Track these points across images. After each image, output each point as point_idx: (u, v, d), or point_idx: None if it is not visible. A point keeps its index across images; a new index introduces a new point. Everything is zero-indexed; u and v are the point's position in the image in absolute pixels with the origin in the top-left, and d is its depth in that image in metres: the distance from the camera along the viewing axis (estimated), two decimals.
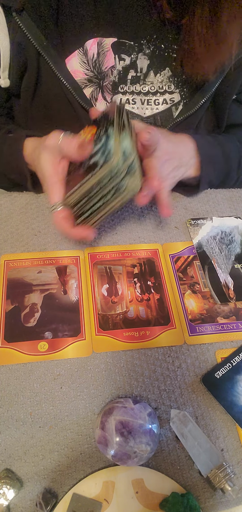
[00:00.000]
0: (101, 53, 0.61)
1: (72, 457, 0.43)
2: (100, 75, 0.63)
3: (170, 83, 0.64)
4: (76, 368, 0.48)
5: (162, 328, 0.53)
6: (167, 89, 0.65)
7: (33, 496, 0.40)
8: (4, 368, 0.48)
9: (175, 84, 0.64)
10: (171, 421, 0.45)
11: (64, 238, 0.62)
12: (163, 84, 0.64)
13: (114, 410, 0.42)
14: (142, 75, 0.64)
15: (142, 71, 0.63)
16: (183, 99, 0.65)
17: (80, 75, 0.62)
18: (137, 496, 0.40)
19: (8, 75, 0.61)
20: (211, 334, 0.52)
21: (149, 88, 0.64)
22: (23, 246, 0.60)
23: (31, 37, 0.56)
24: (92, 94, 0.64)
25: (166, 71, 0.64)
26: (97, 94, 0.64)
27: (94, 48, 0.61)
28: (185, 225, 0.66)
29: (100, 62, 0.62)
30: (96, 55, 0.61)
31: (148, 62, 0.63)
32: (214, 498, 0.41)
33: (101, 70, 0.62)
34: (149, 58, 0.63)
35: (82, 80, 0.62)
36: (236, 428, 0.45)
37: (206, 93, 0.63)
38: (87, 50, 0.61)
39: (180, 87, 0.65)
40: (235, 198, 0.71)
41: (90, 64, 0.62)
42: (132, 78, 0.64)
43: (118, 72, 0.63)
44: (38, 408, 0.45)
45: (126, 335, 0.51)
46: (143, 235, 0.63)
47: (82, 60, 0.61)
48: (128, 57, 0.62)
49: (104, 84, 0.64)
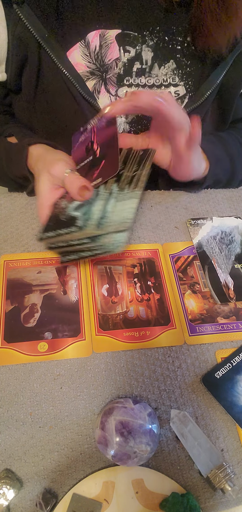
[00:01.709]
0: (104, 45, 0.61)
1: (72, 457, 0.43)
2: (103, 68, 0.62)
3: (174, 75, 0.64)
4: (76, 368, 0.48)
5: (162, 328, 0.53)
6: (171, 82, 0.64)
7: (33, 496, 0.40)
8: (4, 368, 0.48)
9: (179, 77, 0.64)
10: (171, 421, 0.45)
11: None
12: (167, 76, 0.64)
13: (114, 410, 0.42)
14: (147, 68, 0.63)
15: (147, 63, 0.63)
16: (188, 92, 0.65)
17: (82, 67, 0.61)
18: (137, 496, 0.40)
19: (6, 69, 0.61)
20: (211, 334, 0.52)
21: (154, 81, 0.64)
22: (23, 246, 0.60)
23: (32, 29, 0.55)
24: (95, 86, 0.63)
25: (170, 63, 0.63)
26: (100, 87, 0.63)
27: (96, 40, 0.60)
28: (185, 225, 0.66)
29: (103, 54, 0.61)
30: (98, 47, 0.61)
31: (152, 55, 0.63)
32: (214, 498, 0.41)
33: (104, 62, 0.62)
34: (152, 50, 0.62)
35: (84, 72, 0.62)
36: (236, 428, 0.45)
37: (211, 84, 0.63)
38: (89, 42, 0.60)
39: (185, 79, 0.64)
40: (235, 198, 0.71)
41: (92, 57, 0.61)
42: (137, 70, 0.63)
43: (123, 64, 0.62)
44: (38, 408, 0.45)
45: (126, 335, 0.51)
46: (143, 235, 0.63)
47: (84, 52, 0.61)
48: (133, 48, 0.62)
49: (108, 77, 0.63)
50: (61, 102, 0.62)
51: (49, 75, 0.60)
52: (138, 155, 0.56)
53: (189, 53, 0.63)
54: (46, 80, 0.61)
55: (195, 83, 0.65)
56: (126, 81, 0.64)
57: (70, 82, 0.60)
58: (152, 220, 0.66)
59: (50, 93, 0.62)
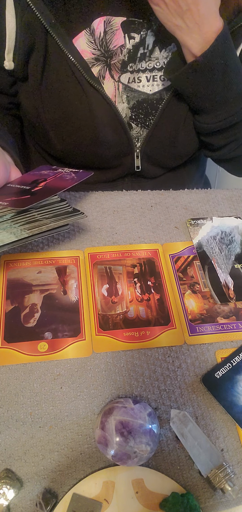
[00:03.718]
0: (109, 32, 0.62)
1: (72, 457, 0.43)
2: (108, 53, 0.63)
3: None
4: (76, 368, 0.48)
5: (162, 328, 0.53)
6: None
7: (33, 496, 0.40)
8: (4, 368, 0.48)
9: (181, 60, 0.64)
10: (171, 421, 0.45)
11: (64, 238, 0.62)
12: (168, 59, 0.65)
13: (114, 410, 0.42)
14: (148, 52, 0.64)
15: (148, 47, 0.64)
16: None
17: (88, 54, 0.62)
18: (137, 496, 0.40)
19: (13, 58, 0.61)
20: (211, 334, 0.52)
21: (154, 64, 0.65)
22: (23, 246, 0.60)
23: (40, 15, 0.56)
24: (100, 72, 0.64)
25: (172, 46, 0.64)
26: (105, 72, 0.65)
27: (101, 26, 0.61)
28: (185, 225, 0.66)
29: (108, 40, 0.62)
30: (103, 34, 0.62)
31: (154, 38, 0.63)
32: (214, 498, 0.41)
33: (108, 48, 0.63)
34: (155, 34, 0.63)
35: (89, 59, 0.63)
36: (236, 428, 0.45)
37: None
38: (94, 30, 0.61)
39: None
40: (235, 198, 0.71)
41: (97, 43, 0.62)
42: (140, 55, 0.64)
43: (128, 51, 0.63)
44: (38, 408, 0.45)
45: (126, 335, 0.51)
46: (143, 235, 0.63)
47: (89, 40, 0.62)
48: (138, 35, 0.63)
49: (112, 62, 0.64)
50: (67, 88, 0.63)
51: (55, 61, 0.61)
52: (64, 209, 0.52)
53: None
54: (53, 66, 0.62)
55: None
56: (129, 67, 0.65)
57: (76, 68, 0.60)
58: (152, 220, 0.66)
59: (56, 79, 0.63)
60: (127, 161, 0.73)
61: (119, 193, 0.70)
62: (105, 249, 0.60)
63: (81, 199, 0.68)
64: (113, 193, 0.70)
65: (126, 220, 0.65)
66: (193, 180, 0.86)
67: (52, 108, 0.65)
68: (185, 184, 0.80)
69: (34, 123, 0.70)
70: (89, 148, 0.68)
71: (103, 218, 0.65)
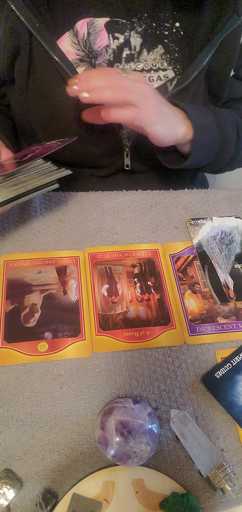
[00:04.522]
0: (93, 33, 0.63)
1: (72, 457, 0.43)
2: (92, 54, 0.64)
3: (163, 60, 0.66)
4: (76, 368, 0.48)
5: (162, 328, 0.53)
6: (160, 67, 0.66)
7: (33, 496, 0.40)
8: (4, 368, 0.48)
9: (167, 62, 0.66)
10: (171, 421, 0.45)
11: (64, 238, 0.62)
12: (156, 61, 0.66)
13: (114, 410, 0.42)
14: (136, 53, 0.65)
15: (135, 49, 0.65)
16: (177, 75, 0.66)
17: (72, 55, 0.63)
18: (137, 496, 0.40)
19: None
20: (211, 334, 0.52)
21: (143, 66, 0.66)
22: (23, 246, 0.60)
23: (24, 19, 0.58)
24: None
25: (159, 48, 0.65)
26: None
27: (84, 28, 0.63)
28: (185, 225, 0.66)
29: (92, 41, 0.64)
30: (86, 35, 0.63)
31: (140, 41, 0.65)
32: (214, 498, 0.41)
33: (92, 49, 0.64)
34: (141, 36, 0.65)
35: (74, 60, 0.64)
36: (236, 428, 0.45)
37: (197, 66, 0.63)
38: (77, 31, 0.63)
39: (173, 64, 0.66)
40: (235, 198, 0.71)
41: (81, 44, 0.64)
42: (127, 56, 0.65)
43: (113, 50, 0.65)
44: (38, 408, 0.45)
45: (126, 335, 0.51)
46: (143, 235, 0.63)
47: (73, 41, 0.63)
48: (122, 35, 0.64)
49: (97, 63, 0.65)
50: (53, 89, 0.64)
51: (40, 62, 0.62)
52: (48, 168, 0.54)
53: (177, 39, 0.65)
54: (38, 68, 0.62)
55: (183, 66, 0.66)
56: (115, 67, 0.65)
57: (61, 68, 0.61)
58: (152, 220, 0.66)
59: (42, 80, 0.63)
60: (117, 159, 0.73)
61: (119, 193, 0.70)
62: (105, 249, 0.60)
63: (81, 199, 0.68)
64: (113, 193, 0.70)
65: (126, 220, 0.65)
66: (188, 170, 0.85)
67: (39, 109, 0.66)
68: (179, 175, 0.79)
69: (23, 124, 0.71)
70: (79, 148, 0.68)
71: (103, 218, 0.65)
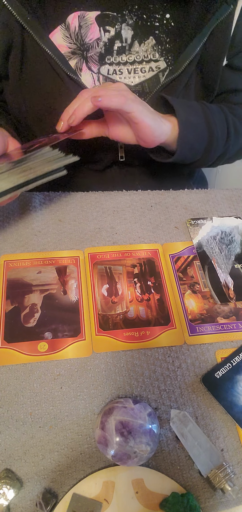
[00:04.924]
0: (84, 26, 0.64)
1: (72, 457, 0.43)
2: (83, 47, 0.65)
3: (154, 51, 0.67)
4: (76, 368, 0.48)
5: (162, 328, 0.53)
6: (152, 58, 0.67)
7: (33, 496, 0.40)
8: (4, 368, 0.48)
9: (159, 53, 0.67)
10: (171, 421, 0.45)
11: (64, 238, 0.62)
12: (148, 53, 0.67)
13: (114, 410, 0.42)
14: (127, 46, 0.66)
15: (126, 41, 0.66)
16: (168, 66, 0.67)
17: (64, 48, 0.65)
18: (137, 496, 0.40)
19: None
20: (211, 334, 0.52)
21: (135, 57, 0.67)
22: (23, 246, 0.60)
23: (16, 14, 0.58)
24: (77, 65, 0.66)
25: (150, 40, 0.66)
26: (82, 65, 0.66)
27: (75, 21, 0.64)
28: (185, 225, 0.66)
29: (83, 34, 0.65)
30: (78, 28, 0.64)
31: (132, 33, 0.66)
32: (214, 498, 0.41)
33: (84, 42, 0.65)
34: (132, 28, 0.65)
35: (66, 53, 0.65)
36: (236, 428, 0.45)
37: (188, 56, 0.64)
38: (69, 25, 0.64)
39: (164, 55, 0.67)
40: (235, 198, 0.71)
41: (73, 37, 0.65)
42: (118, 48, 0.66)
43: (104, 43, 0.66)
44: (38, 408, 0.45)
45: (126, 335, 0.51)
46: (143, 235, 0.63)
47: (64, 35, 0.64)
48: (112, 28, 0.65)
49: (89, 55, 0.66)
50: (46, 82, 0.64)
51: (33, 56, 0.62)
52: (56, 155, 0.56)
53: (168, 30, 0.66)
54: (31, 62, 0.63)
55: (174, 57, 0.67)
56: (107, 60, 0.66)
57: (53, 61, 0.62)
58: (152, 220, 0.66)
59: (35, 74, 0.64)
60: (111, 151, 0.73)
61: (119, 193, 0.70)
62: (105, 249, 0.60)
63: (81, 199, 0.68)
64: (113, 193, 0.70)
65: (126, 220, 0.65)
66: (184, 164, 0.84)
67: (33, 102, 0.66)
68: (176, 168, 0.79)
69: (18, 119, 0.71)
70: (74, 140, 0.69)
71: (103, 218, 0.65)
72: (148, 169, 0.77)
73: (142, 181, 0.77)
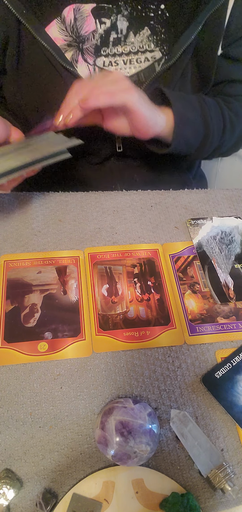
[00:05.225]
0: (80, 18, 0.65)
1: (72, 457, 0.43)
2: (79, 39, 0.66)
3: (150, 42, 0.67)
4: (76, 368, 0.48)
5: (162, 328, 0.53)
6: (147, 48, 0.67)
7: (33, 496, 0.40)
8: (4, 368, 0.48)
9: (154, 43, 0.67)
10: (171, 421, 0.45)
11: (64, 238, 0.62)
12: (143, 43, 0.67)
13: (114, 410, 0.42)
14: (123, 37, 0.67)
15: (122, 32, 0.67)
16: (164, 56, 0.67)
17: (60, 41, 0.65)
18: (137, 496, 0.40)
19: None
20: (211, 334, 0.52)
21: (130, 48, 0.67)
22: (23, 246, 0.60)
23: (11, 7, 0.59)
24: (73, 57, 0.66)
25: (145, 30, 0.67)
26: (77, 57, 0.67)
27: (71, 14, 0.65)
28: (185, 225, 0.66)
29: (78, 26, 0.65)
30: (73, 21, 0.65)
31: (127, 24, 0.66)
32: (214, 498, 0.41)
33: (79, 34, 0.66)
34: (127, 19, 0.66)
35: (62, 46, 0.65)
36: (236, 428, 0.45)
37: (183, 44, 0.64)
38: (65, 18, 0.65)
39: (160, 45, 0.67)
40: (235, 198, 0.71)
41: (69, 30, 0.65)
42: (114, 40, 0.67)
43: (100, 35, 0.66)
44: (38, 408, 0.45)
45: (126, 335, 0.51)
46: (143, 235, 0.63)
47: (60, 28, 0.65)
48: (108, 19, 0.65)
49: (85, 47, 0.66)
50: (43, 75, 0.65)
51: (29, 49, 0.63)
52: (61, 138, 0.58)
53: (162, 20, 0.66)
54: (27, 54, 0.64)
55: (170, 47, 0.67)
56: (103, 52, 0.67)
57: (50, 53, 0.62)
58: (152, 220, 0.66)
59: (31, 66, 0.64)
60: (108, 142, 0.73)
61: (119, 193, 0.70)
62: (105, 249, 0.60)
63: (81, 199, 0.68)
64: (113, 193, 0.70)
65: (126, 220, 0.65)
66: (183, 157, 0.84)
67: (30, 95, 0.67)
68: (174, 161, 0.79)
69: (16, 112, 0.71)
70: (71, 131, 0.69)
71: (103, 218, 0.65)
72: (146, 162, 0.77)
73: (140, 174, 0.77)
